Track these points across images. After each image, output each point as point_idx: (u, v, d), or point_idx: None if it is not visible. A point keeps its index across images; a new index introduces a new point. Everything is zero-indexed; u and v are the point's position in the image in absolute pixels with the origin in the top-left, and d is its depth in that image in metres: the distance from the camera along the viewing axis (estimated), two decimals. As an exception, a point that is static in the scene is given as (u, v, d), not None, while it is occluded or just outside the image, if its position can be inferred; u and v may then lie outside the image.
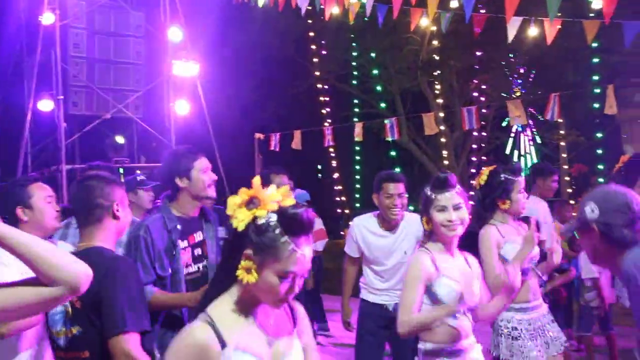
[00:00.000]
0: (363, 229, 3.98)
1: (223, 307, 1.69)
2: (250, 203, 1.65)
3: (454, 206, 2.67)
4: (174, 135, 10.11)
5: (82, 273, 1.50)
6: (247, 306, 1.70)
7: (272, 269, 1.62)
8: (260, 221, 1.63)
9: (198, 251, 2.96)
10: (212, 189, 2.96)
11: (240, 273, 1.64)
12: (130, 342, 2.09)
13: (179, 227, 2.90)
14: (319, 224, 7.10)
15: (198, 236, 2.99)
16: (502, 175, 3.38)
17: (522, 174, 3.45)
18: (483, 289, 2.83)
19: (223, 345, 1.62)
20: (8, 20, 9.85)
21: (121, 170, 9.53)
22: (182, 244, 2.91)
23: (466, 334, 2.69)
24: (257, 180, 1.68)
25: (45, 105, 8.91)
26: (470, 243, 3.28)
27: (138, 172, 4.56)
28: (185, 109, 10.09)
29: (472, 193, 4.00)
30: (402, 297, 2.69)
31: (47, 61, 9.03)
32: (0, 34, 10.15)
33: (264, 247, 1.62)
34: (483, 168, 3.64)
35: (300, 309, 1.86)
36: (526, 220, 3.55)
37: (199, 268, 2.95)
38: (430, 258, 2.66)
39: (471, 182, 15.99)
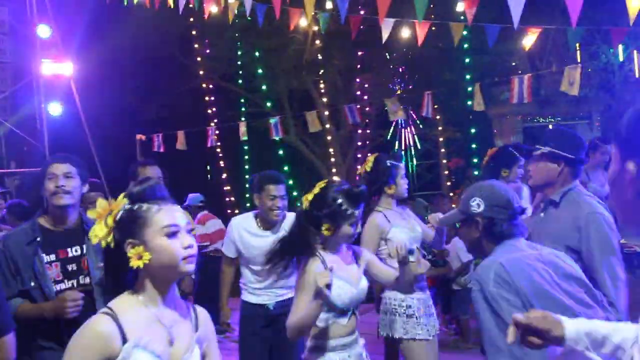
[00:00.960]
0: (241, 229, 3.97)
1: (126, 302, 1.67)
2: (109, 217, 1.68)
3: (359, 219, 2.78)
4: (47, 138, 9.52)
5: None
6: (150, 301, 1.68)
7: (154, 237, 1.64)
8: (118, 217, 1.67)
9: (72, 267, 2.80)
10: (55, 197, 2.77)
11: (134, 263, 1.63)
12: (11, 341, 2.20)
13: (39, 239, 2.75)
14: (218, 224, 7.01)
15: (73, 251, 2.83)
16: (387, 162, 3.54)
17: (403, 160, 3.63)
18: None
19: (124, 340, 1.58)
20: None
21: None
22: (48, 257, 2.76)
23: (353, 329, 2.77)
24: (101, 202, 1.71)
25: None
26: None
27: None
28: (59, 111, 9.53)
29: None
30: (293, 303, 2.71)
31: None
32: None
33: (135, 227, 1.65)
34: (368, 155, 3.75)
35: (203, 314, 1.86)
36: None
37: (73, 284, 2.79)
38: (321, 265, 2.67)
39: (357, 177, 16.44)
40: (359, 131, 14.55)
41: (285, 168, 14.63)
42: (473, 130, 14.46)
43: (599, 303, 2.10)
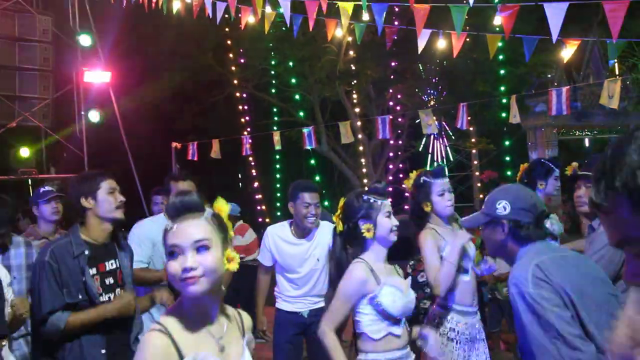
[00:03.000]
0: (276, 237, 4.00)
1: (174, 317, 1.69)
2: None
3: (393, 213, 2.74)
4: (86, 145, 9.76)
5: None
6: (194, 313, 1.70)
7: (166, 256, 1.69)
8: None
9: (109, 280, 2.84)
10: (119, 211, 2.86)
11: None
12: None
13: (86, 252, 2.77)
14: (252, 235, 7.05)
15: (110, 265, 2.87)
16: (421, 179, 3.44)
17: (443, 177, 3.46)
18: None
19: (181, 355, 1.61)
20: None
21: (29, 182, 9.09)
22: (91, 271, 2.78)
23: (406, 342, 2.72)
24: None
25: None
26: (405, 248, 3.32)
27: (44, 186, 4.38)
28: (98, 118, 9.77)
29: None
30: (332, 304, 2.68)
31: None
32: None
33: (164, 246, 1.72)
34: (408, 174, 3.69)
35: (247, 320, 1.90)
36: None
37: (110, 298, 2.82)
38: (368, 269, 2.63)
39: (388, 188, 16.33)
40: (391, 142, 14.52)
41: (317, 178, 14.69)
42: (507, 143, 14.31)
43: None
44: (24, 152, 9.54)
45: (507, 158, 14.17)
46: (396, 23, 10.72)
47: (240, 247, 6.94)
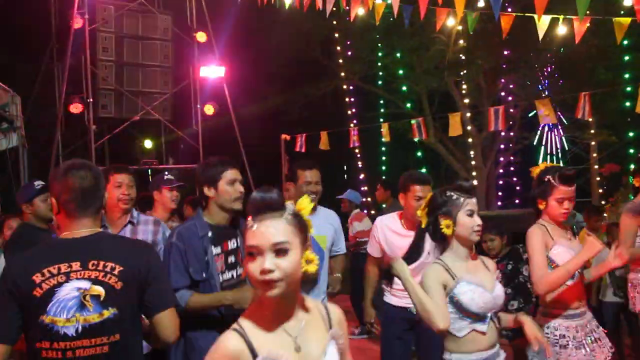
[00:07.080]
0: (385, 228, 3.93)
1: (254, 315, 1.71)
2: None
3: (477, 212, 2.65)
4: (202, 137, 10.24)
5: None
6: (273, 311, 1.70)
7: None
8: None
9: (231, 259, 2.95)
10: (237, 202, 2.92)
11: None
12: (175, 314, 2.25)
13: (210, 234, 2.90)
14: (367, 225, 7.07)
15: (232, 244, 2.98)
16: (546, 177, 3.19)
17: (570, 183, 3.14)
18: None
19: (254, 355, 1.63)
20: (39, 25, 10.08)
21: (149, 172, 9.67)
22: (215, 250, 2.90)
23: (494, 342, 2.62)
24: None
25: (76, 108, 9.11)
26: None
27: (166, 173, 4.59)
28: (212, 111, 10.21)
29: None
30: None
31: (77, 65, 9.23)
32: (31, 38, 10.38)
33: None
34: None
35: (335, 312, 1.86)
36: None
37: (232, 275, 2.94)
38: (443, 269, 2.60)
39: (499, 182, 15.71)
40: (502, 134, 13.99)
41: (423, 170, 14.46)
42: (631, 134, 13.32)
43: None
44: (147, 144, 10.17)
45: (631, 150, 13.17)
46: (509, 10, 10.28)
47: (362, 232, 6.98)
